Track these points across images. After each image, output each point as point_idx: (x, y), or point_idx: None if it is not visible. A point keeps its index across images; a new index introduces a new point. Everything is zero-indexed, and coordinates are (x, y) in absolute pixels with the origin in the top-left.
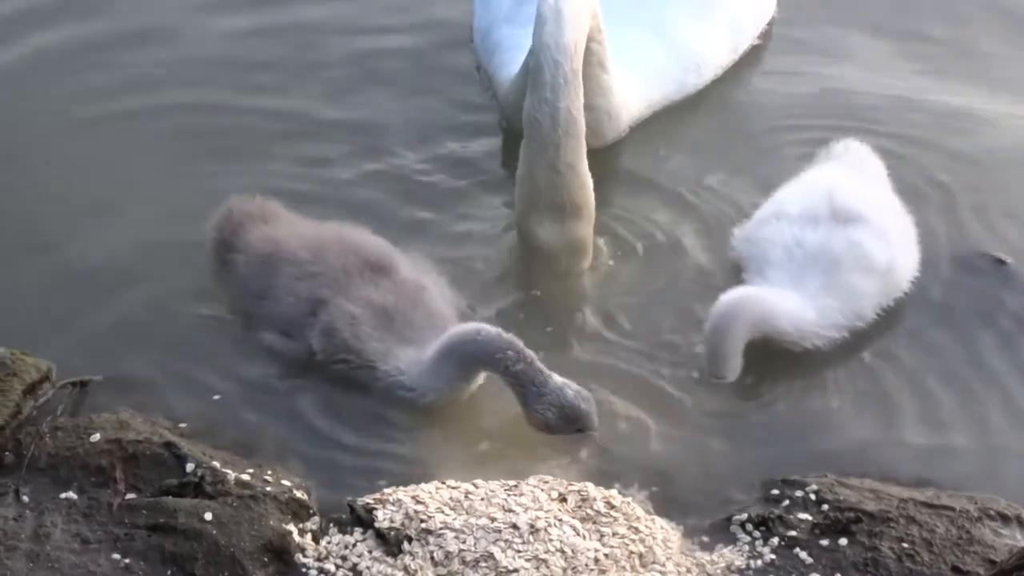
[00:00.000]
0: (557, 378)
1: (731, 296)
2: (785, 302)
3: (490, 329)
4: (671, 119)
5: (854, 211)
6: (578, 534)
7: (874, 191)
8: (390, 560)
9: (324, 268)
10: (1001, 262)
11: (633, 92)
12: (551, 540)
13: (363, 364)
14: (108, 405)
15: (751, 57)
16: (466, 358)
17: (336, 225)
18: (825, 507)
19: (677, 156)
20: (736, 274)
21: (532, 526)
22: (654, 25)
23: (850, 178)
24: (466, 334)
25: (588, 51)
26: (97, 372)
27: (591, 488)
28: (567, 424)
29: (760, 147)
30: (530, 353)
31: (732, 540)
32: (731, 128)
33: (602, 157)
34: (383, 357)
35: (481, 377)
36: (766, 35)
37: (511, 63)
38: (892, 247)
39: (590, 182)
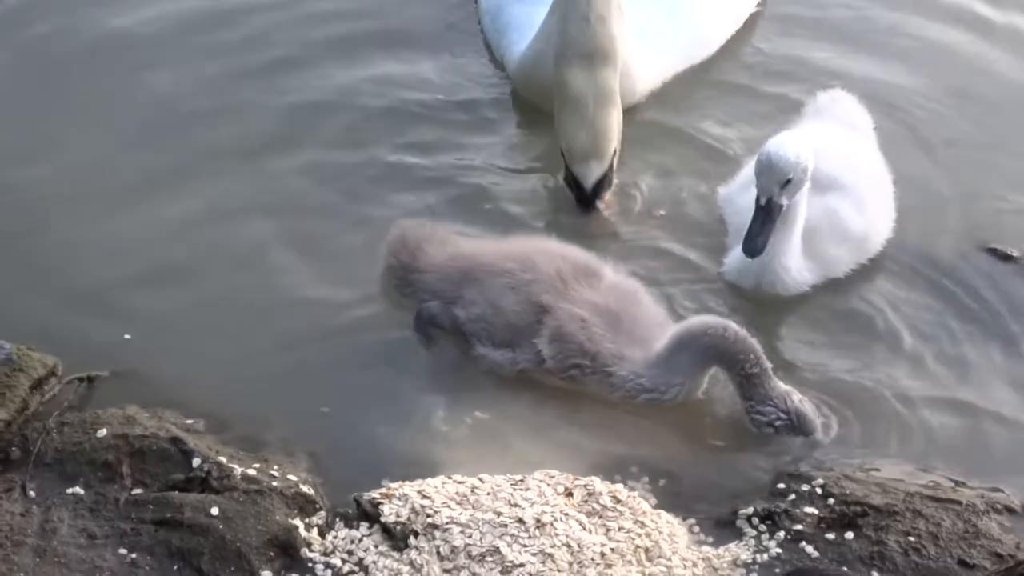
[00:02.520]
0: (782, 385)
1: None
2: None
3: (737, 329)
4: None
5: (832, 178)
6: (584, 528)
7: (854, 152)
8: (396, 555)
9: (538, 275)
10: (1008, 257)
11: (648, 66)
12: (557, 534)
13: (598, 369)
14: (115, 400)
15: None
16: (706, 352)
17: (527, 237)
18: (831, 501)
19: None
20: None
21: (538, 520)
22: (665, 4)
23: (832, 139)
24: (711, 328)
25: None
26: (103, 368)
27: (597, 482)
28: (792, 430)
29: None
30: (766, 359)
31: (738, 534)
32: (736, 87)
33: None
34: (617, 361)
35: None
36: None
37: (522, 40)
38: (868, 215)
39: (619, 33)
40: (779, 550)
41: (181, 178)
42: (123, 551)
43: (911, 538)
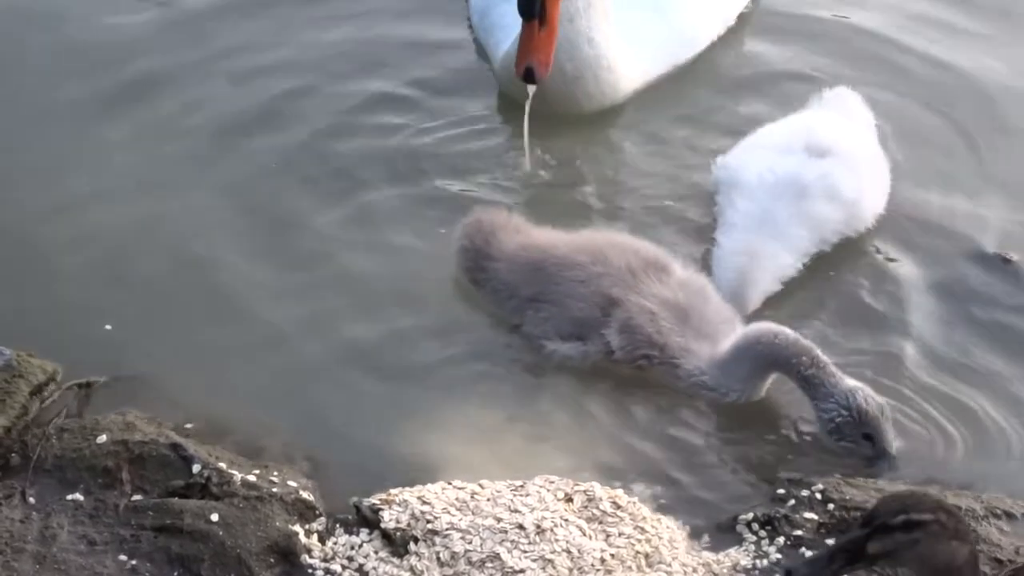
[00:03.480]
0: (849, 381)
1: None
2: (766, 269)
3: (788, 333)
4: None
5: (828, 146)
6: (584, 534)
7: (853, 132)
8: (396, 560)
9: (609, 268)
10: (1007, 260)
11: (634, 66)
12: (557, 540)
13: (665, 360)
14: (114, 406)
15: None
16: (761, 359)
17: (596, 230)
18: (831, 506)
19: (674, 118)
20: (709, 202)
21: (538, 526)
22: (653, 5)
23: (832, 120)
24: (763, 336)
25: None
26: (103, 373)
27: (597, 488)
28: (855, 427)
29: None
30: (824, 357)
31: (738, 540)
32: (722, 88)
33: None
34: (684, 354)
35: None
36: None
37: (507, 40)
38: (861, 180)
39: None
40: (779, 556)
41: (179, 180)
42: (123, 557)
43: None
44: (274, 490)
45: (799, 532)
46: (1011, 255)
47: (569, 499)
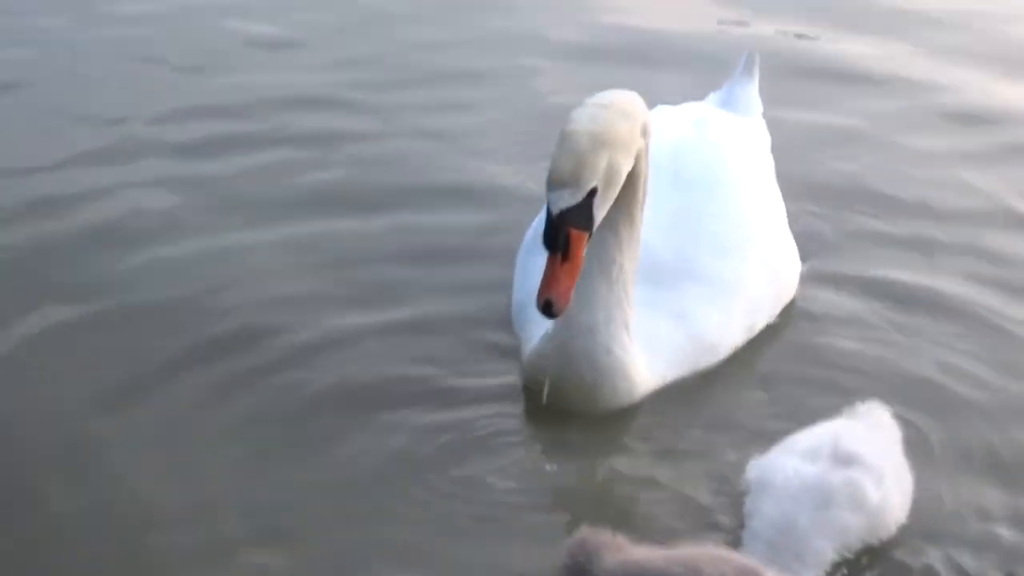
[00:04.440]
0: None
1: None
2: None
3: None
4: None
5: (854, 454)
6: None
7: (880, 444)
8: None
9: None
10: None
11: (649, 369)
12: None
13: None
14: None
15: (767, 331)
16: None
17: (690, 546)
18: None
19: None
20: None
21: None
22: (674, 312)
23: (860, 429)
24: None
25: (616, 302)
26: None
27: None
28: None
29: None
30: None
31: None
32: (744, 398)
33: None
34: None
35: None
36: (785, 312)
37: (539, 335)
38: (884, 488)
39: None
40: None
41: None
42: None
43: None
44: None
45: None
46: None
47: None
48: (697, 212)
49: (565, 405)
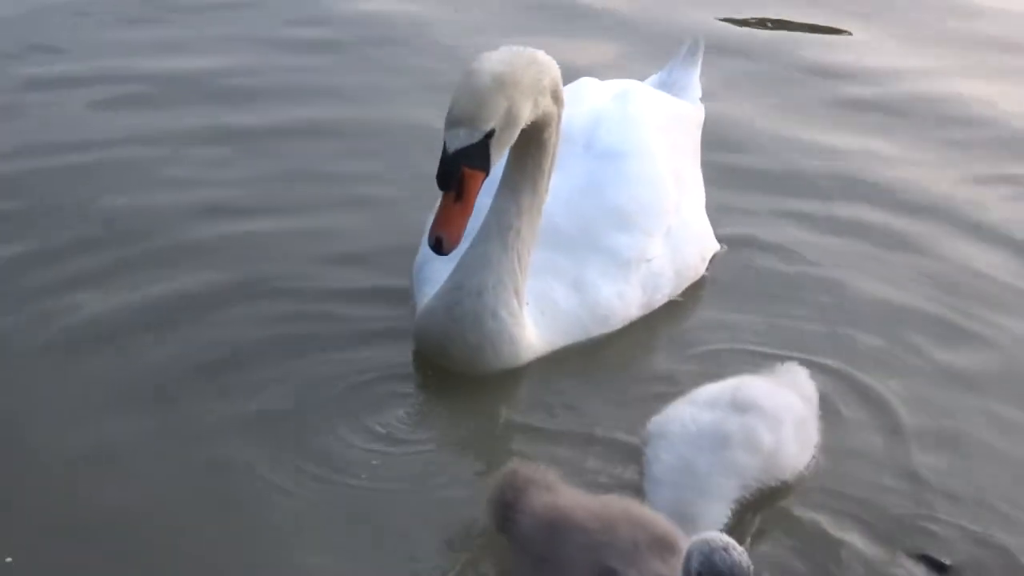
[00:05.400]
0: None
1: None
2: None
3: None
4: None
5: (751, 402)
6: None
7: (783, 396)
8: None
9: (613, 539)
10: (943, 567)
11: (539, 333)
12: None
13: None
14: None
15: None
16: None
17: (618, 498)
18: None
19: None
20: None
21: None
22: (571, 280)
23: (765, 383)
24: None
25: (508, 268)
26: None
27: None
28: None
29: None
30: None
31: None
32: (635, 365)
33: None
34: None
35: None
36: (692, 289)
37: (432, 294)
38: (780, 434)
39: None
40: None
41: None
42: None
43: None
44: None
45: None
46: (945, 559)
47: None
48: (605, 183)
49: (449, 364)
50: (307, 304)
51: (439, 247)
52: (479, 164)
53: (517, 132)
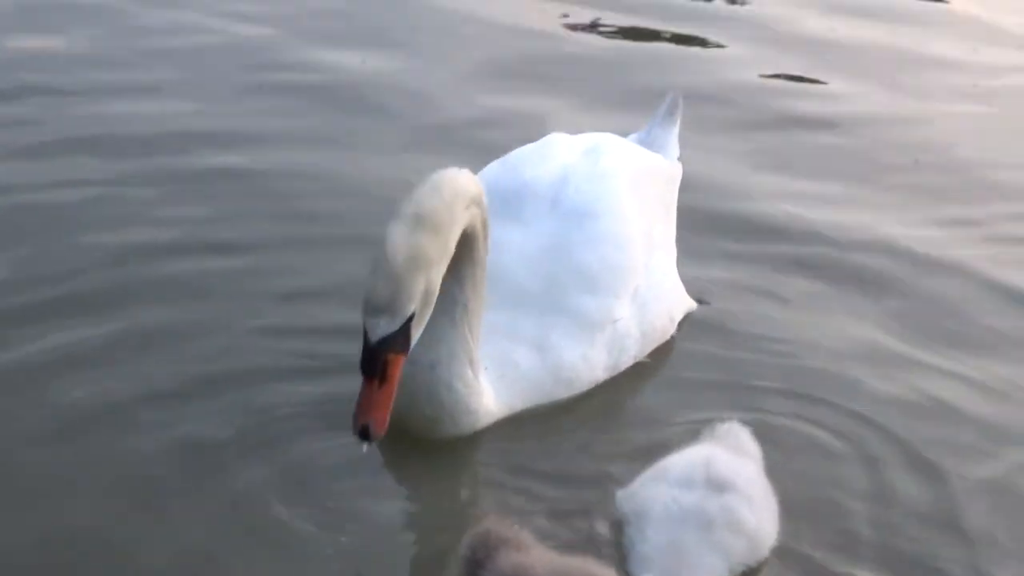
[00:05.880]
0: None
1: None
2: None
3: None
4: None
5: (727, 480)
6: None
7: (746, 466)
8: None
9: None
10: None
11: (497, 398)
12: None
13: None
14: None
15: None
16: None
17: (583, 561)
18: None
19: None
20: (619, 530)
21: None
22: (534, 342)
23: (726, 454)
24: None
25: (460, 315)
26: None
27: None
28: None
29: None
30: None
31: None
32: (601, 429)
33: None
34: None
35: None
36: (661, 350)
37: None
38: (757, 512)
39: (459, 210)
40: None
41: None
42: None
43: None
44: None
45: None
46: None
47: None
48: (571, 243)
49: (408, 432)
50: (255, 355)
51: (365, 435)
52: (401, 348)
53: (434, 300)
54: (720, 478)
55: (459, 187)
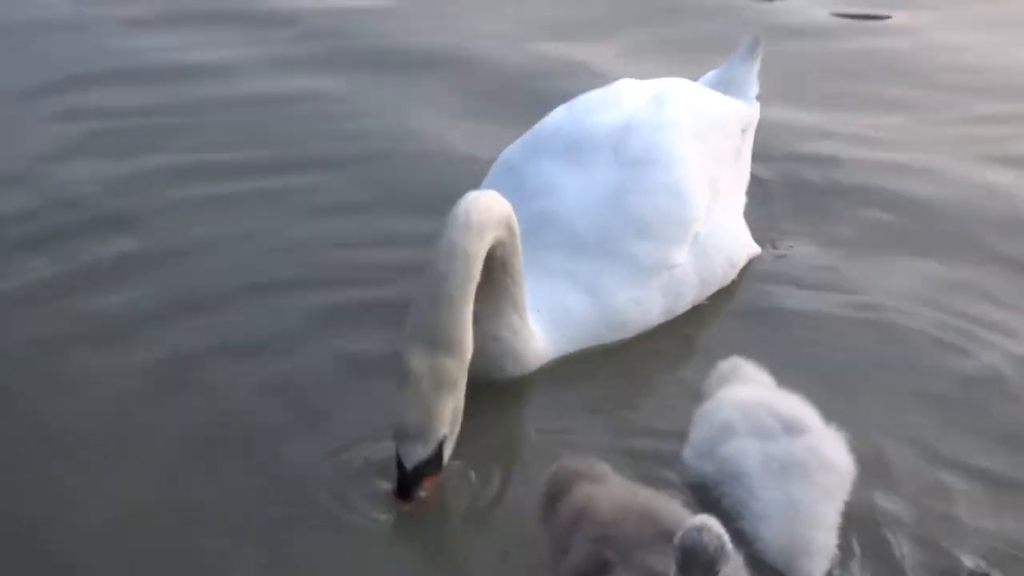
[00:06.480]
0: None
1: None
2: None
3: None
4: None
5: (798, 420)
6: None
7: (794, 400)
8: None
9: (619, 532)
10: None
11: (548, 341)
12: None
13: None
14: None
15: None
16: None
17: (650, 493)
18: None
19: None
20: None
21: None
22: (587, 286)
23: (771, 393)
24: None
25: (503, 290)
26: None
27: None
28: None
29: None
30: None
31: None
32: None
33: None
34: None
35: None
36: (716, 296)
37: None
38: (835, 443)
39: (467, 320)
40: None
41: None
42: None
43: None
44: None
45: None
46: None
47: None
48: (628, 191)
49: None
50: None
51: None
52: (435, 469)
53: (461, 414)
54: (791, 420)
55: (471, 251)
